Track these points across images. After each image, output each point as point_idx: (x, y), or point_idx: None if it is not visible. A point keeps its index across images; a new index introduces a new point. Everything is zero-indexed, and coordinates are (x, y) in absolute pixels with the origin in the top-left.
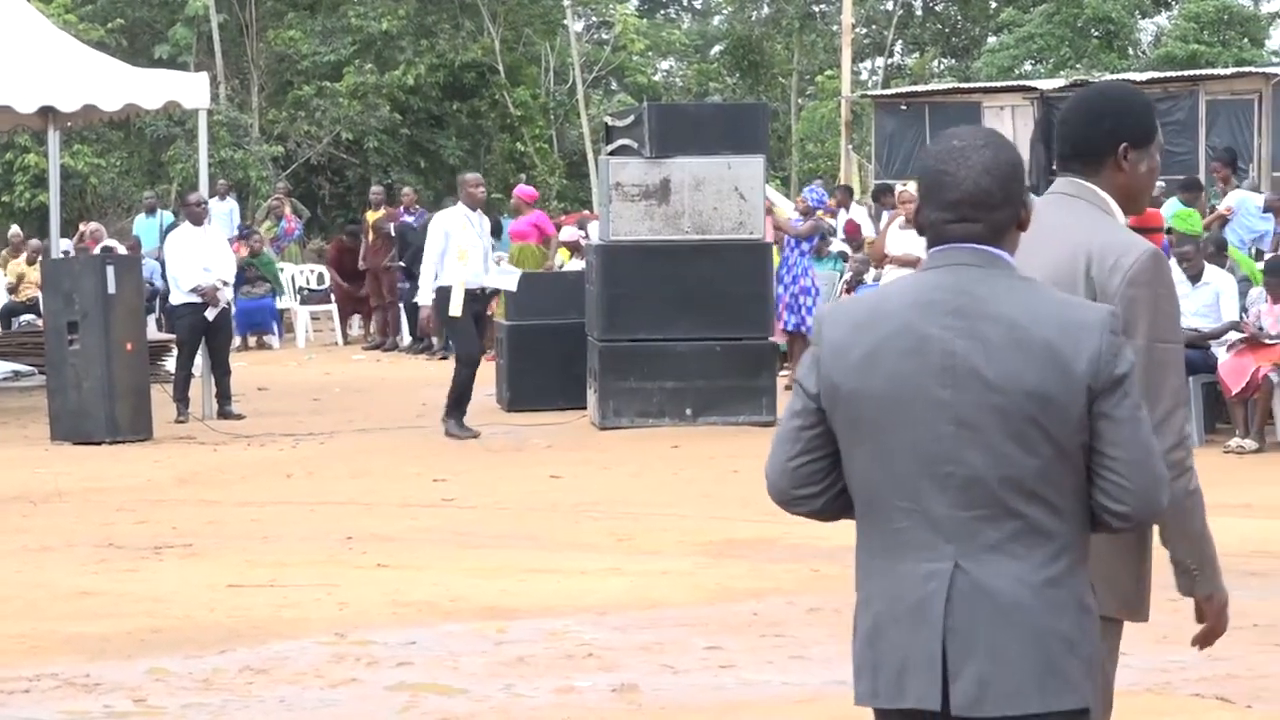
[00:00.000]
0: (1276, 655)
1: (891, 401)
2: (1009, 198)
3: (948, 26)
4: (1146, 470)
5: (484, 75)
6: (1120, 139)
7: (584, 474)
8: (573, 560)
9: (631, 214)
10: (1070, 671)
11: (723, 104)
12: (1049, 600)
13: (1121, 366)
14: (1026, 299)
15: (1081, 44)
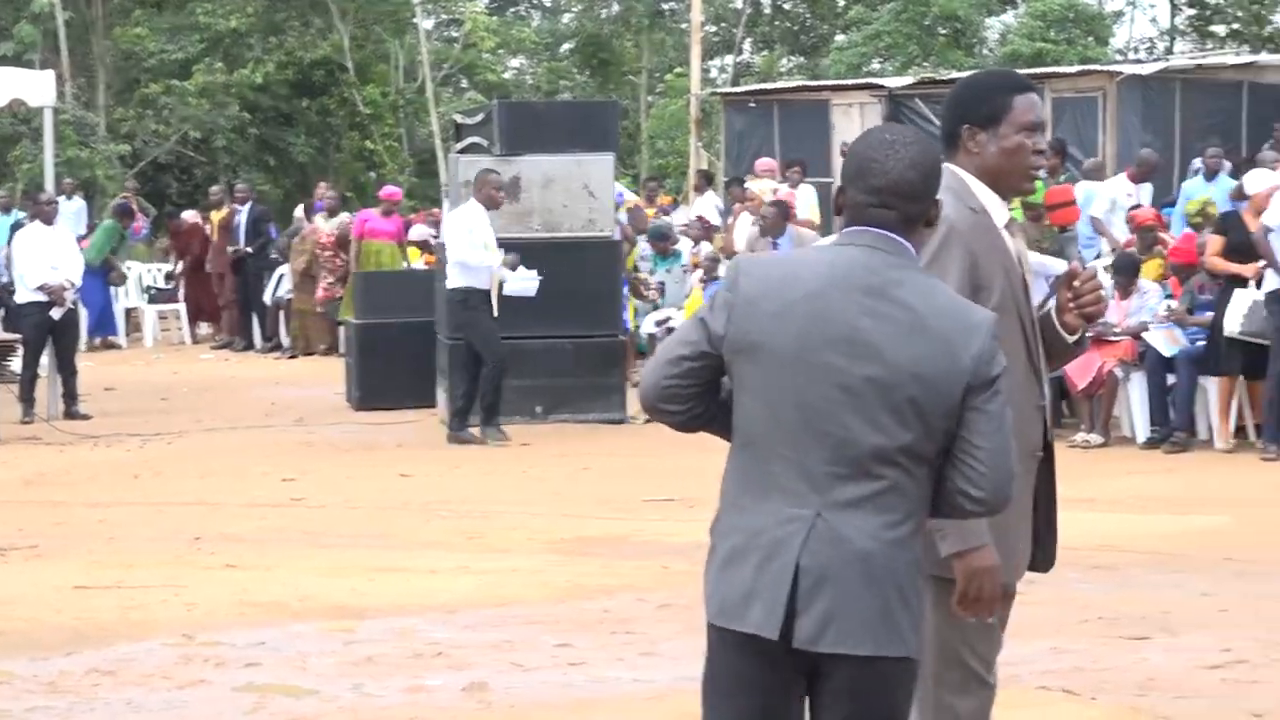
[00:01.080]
0: (1121, 648)
1: (791, 358)
2: (928, 192)
3: (796, 25)
4: (1003, 462)
5: (333, 73)
6: (961, 121)
7: (434, 472)
8: (423, 559)
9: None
10: (902, 622)
11: (572, 102)
12: (894, 556)
13: (996, 368)
14: (928, 292)
15: (929, 42)
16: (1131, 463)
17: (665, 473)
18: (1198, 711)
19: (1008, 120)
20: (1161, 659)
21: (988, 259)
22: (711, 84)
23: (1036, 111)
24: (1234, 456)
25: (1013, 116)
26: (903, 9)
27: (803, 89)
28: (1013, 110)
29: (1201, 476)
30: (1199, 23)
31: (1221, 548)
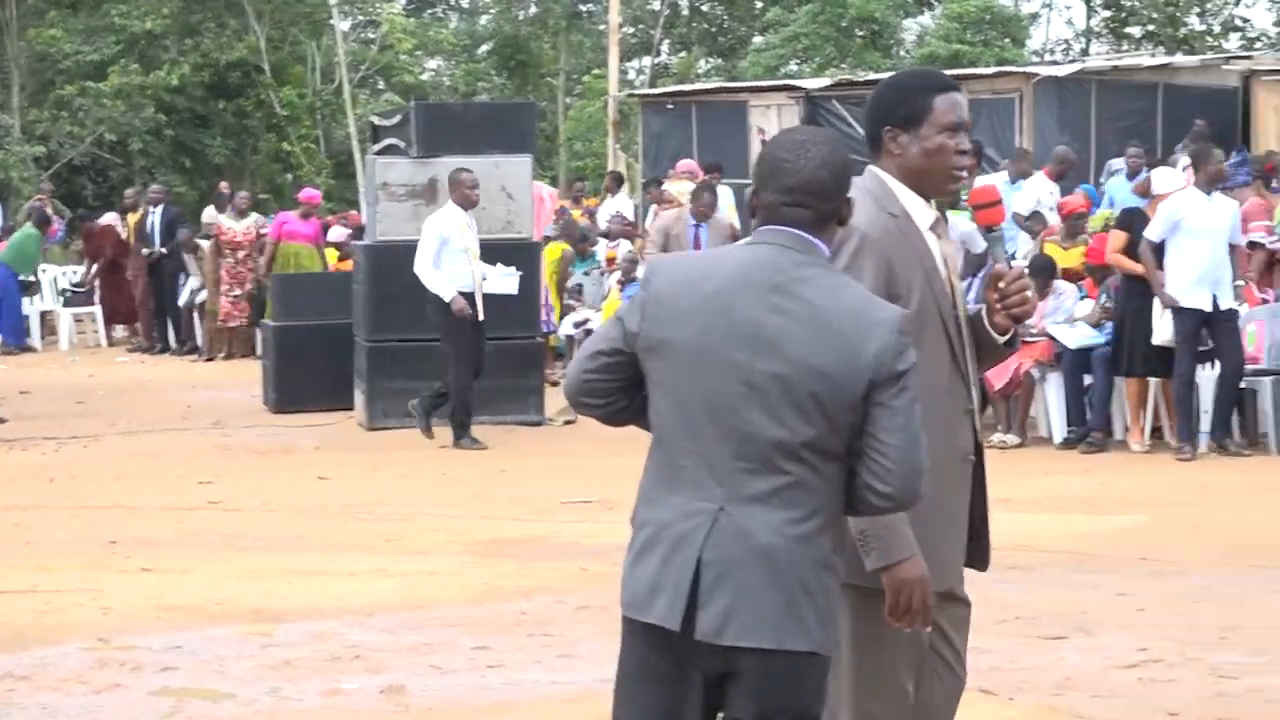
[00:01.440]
0: (1038, 647)
1: (697, 354)
2: (839, 191)
3: (714, 26)
4: (911, 458)
5: (249, 75)
6: (883, 122)
7: (352, 475)
8: (340, 562)
9: (399, 214)
10: (807, 617)
11: (490, 103)
12: (797, 552)
13: (903, 364)
14: (833, 289)
15: (846, 43)
16: (1048, 463)
17: (583, 474)
18: (1114, 710)
19: (929, 121)
20: (1079, 659)
21: (905, 265)
22: (629, 85)
23: (958, 112)
24: (1150, 457)
25: (934, 117)
26: (820, 11)
27: (720, 90)
28: (934, 111)
29: (1118, 477)
30: (1114, 24)
31: (1138, 547)
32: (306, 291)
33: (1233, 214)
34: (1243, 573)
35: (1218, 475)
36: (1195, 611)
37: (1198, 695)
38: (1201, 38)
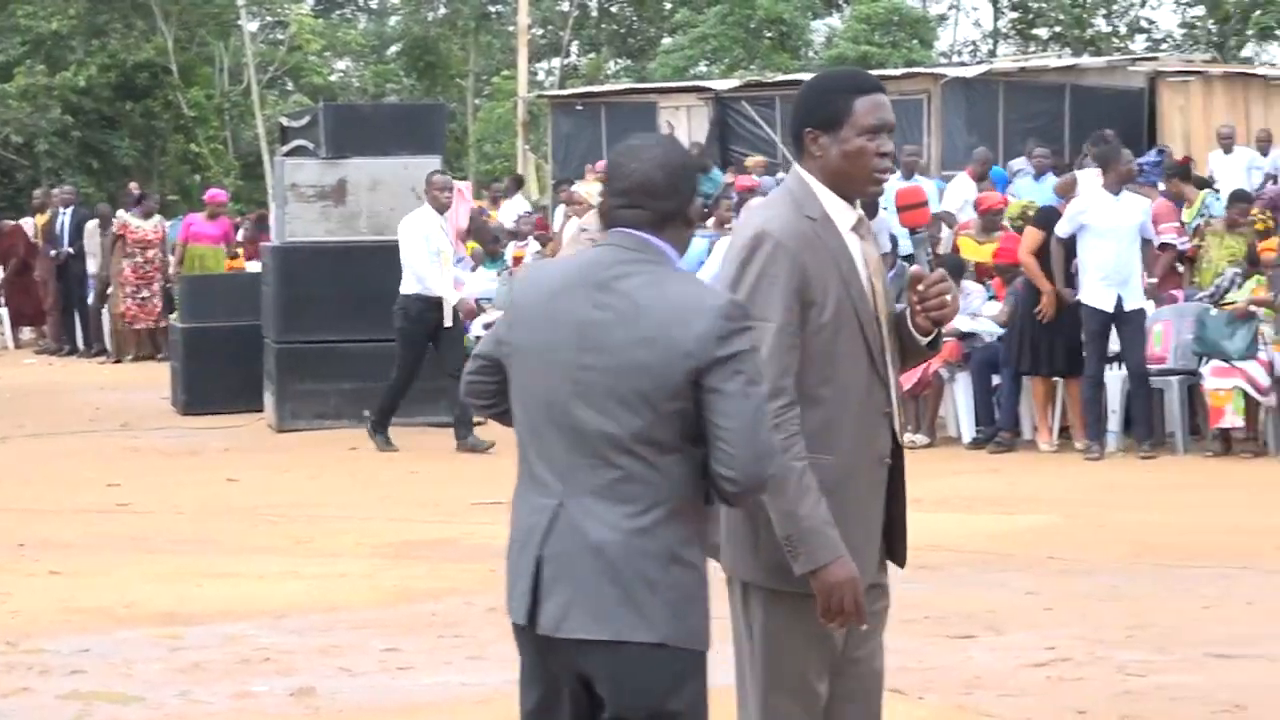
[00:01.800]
0: (947, 646)
1: (535, 356)
2: (674, 190)
3: (623, 28)
4: (751, 441)
5: (157, 75)
6: (804, 124)
7: (261, 477)
8: (250, 564)
9: (308, 215)
10: (649, 609)
11: (399, 104)
12: (635, 545)
13: (728, 348)
14: (657, 283)
15: (755, 45)
16: (957, 463)
17: (493, 476)
18: (1023, 709)
19: (849, 123)
20: (987, 657)
21: (820, 269)
22: (539, 87)
23: (880, 114)
24: (1058, 456)
25: (854, 119)
26: (729, 12)
27: (630, 92)
28: (854, 113)
29: (1026, 476)
30: (1022, 26)
31: (1046, 547)
32: (215, 293)
33: (1143, 212)
34: (1149, 572)
35: (1125, 475)
36: (1103, 610)
37: (1105, 693)
38: (1108, 39)
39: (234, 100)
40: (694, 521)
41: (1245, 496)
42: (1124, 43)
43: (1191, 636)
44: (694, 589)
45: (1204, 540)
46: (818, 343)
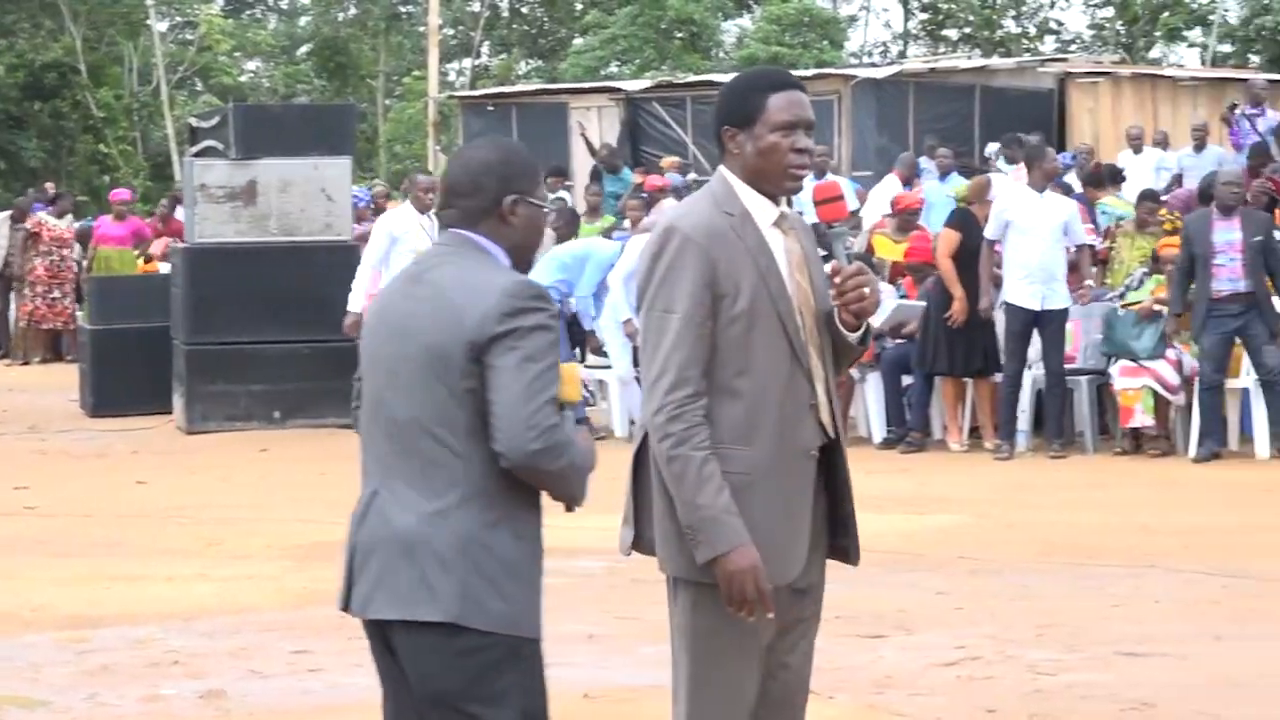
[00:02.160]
0: (858, 646)
1: (368, 359)
2: (476, 189)
3: (534, 28)
4: (516, 416)
5: (65, 76)
6: (722, 122)
7: (171, 479)
8: (159, 566)
9: (217, 216)
10: (441, 589)
11: (309, 105)
12: (433, 528)
13: (507, 325)
14: (462, 270)
15: (666, 45)
16: (868, 463)
17: None
18: (933, 708)
19: (762, 120)
20: (898, 657)
21: (733, 263)
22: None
23: (794, 110)
24: (968, 456)
25: (767, 116)
26: (639, 13)
27: (541, 92)
28: (767, 110)
29: (936, 476)
30: (932, 27)
31: (956, 546)
32: (124, 294)
33: (1069, 213)
34: (1058, 570)
35: (1035, 474)
36: (1012, 609)
37: (1015, 692)
38: (1017, 40)
39: (143, 101)
40: (504, 505)
41: (1154, 495)
42: (1033, 44)
43: (1101, 635)
44: (496, 572)
45: (1113, 539)
46: (731, 335)
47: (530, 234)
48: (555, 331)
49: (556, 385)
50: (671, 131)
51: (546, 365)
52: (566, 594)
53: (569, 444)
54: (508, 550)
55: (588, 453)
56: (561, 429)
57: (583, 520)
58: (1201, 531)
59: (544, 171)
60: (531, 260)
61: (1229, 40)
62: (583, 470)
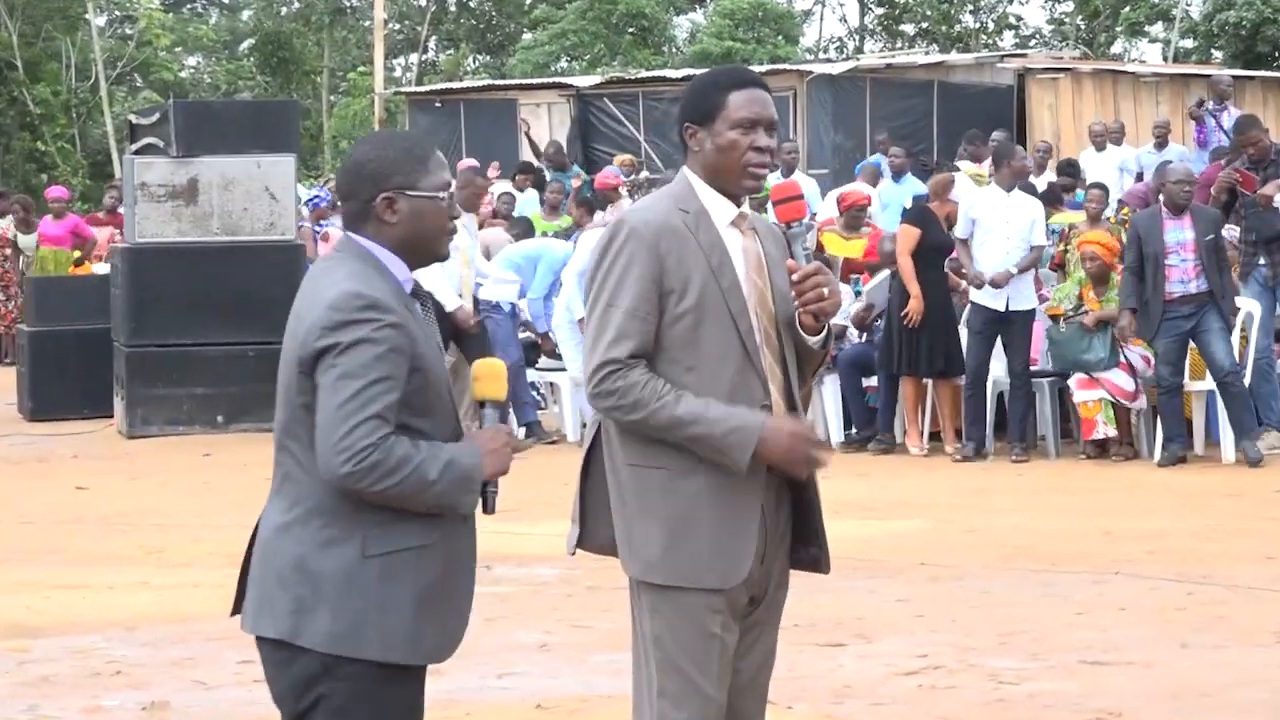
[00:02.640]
0: (817, 655)
1: None
2: (353, 191)
3: (482, 23)
4: (327, 438)
5: (1, 72)
6: (683, 120)
7: (112, 485)
8: (101, 575)
9: (158, 215)
10: (276, 605)
11: (252, 101)
12: (278, 541)
13: (327, 340)
14: (323, 278)
15: (616, 40)
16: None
17: None
18: (894, 718)
19: (721, 117)
20: (858, 666)
21: (682, 260)
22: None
23: (754, 108)
24: (927, 460)
25: (727, 113)
26: (589, 7)
27: (489, 88)
28: (726, 107)
29: (895, 480)
30: (888, 22)
31: (916, 552)
32: (63, 295)
33: (1036, 214)
34: (1021, 577)
35: (996, 479)
36: (974, 617)
37: (978, 701)
38: (976, 36)
39: (81, 97)
40: (348, 522)
41: (1118, 500)
42: (992, 39)
43: (1065, 643)
44: (331, 590)
45: (1077, 545)
46: (678, 330)
47: (418, 227)
48: (384, 344)
49: (384, 400)
50: (623, 129)
51: (368, 381)
52: (518, 602)
53: (401, 462)
54: (349, 568)
55: (460, 463)
56: (385, 448)
57: (534, 526)
58: (1167, 536)
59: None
60: (433, 254)
61: (1191, 36)
62: (434, 484)
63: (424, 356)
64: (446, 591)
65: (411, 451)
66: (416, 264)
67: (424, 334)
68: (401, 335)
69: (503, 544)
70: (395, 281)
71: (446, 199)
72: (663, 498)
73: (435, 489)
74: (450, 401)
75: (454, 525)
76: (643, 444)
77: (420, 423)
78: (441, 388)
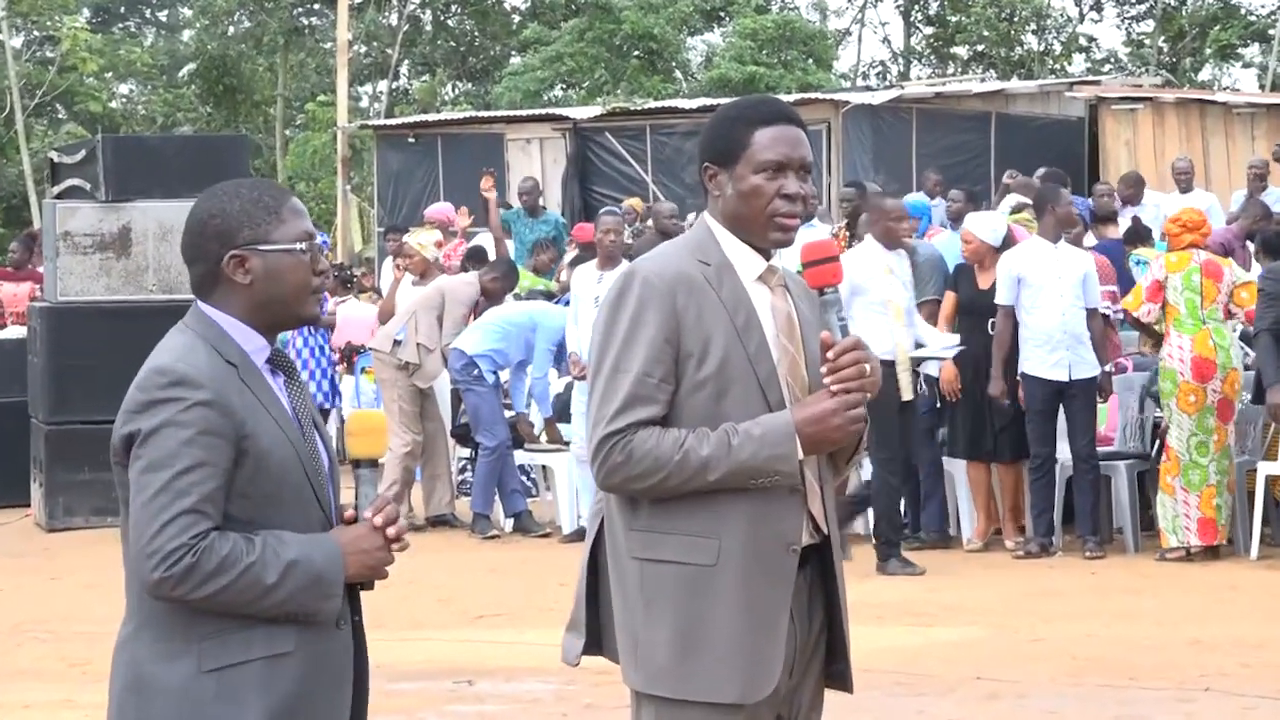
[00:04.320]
0: None
1: None
2: (198, 253)
3: (463, 45)
4: (136, 542)
5: None
6: (702, 159)
7: (28, 586)
8: (16, 692)
9: (84, 269)
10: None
11: (194, 136)
12: (118, 657)
13: (129, 426)
14: (155, 353)
15: (619, 65)
16: (863, 563)
17: None
18: None
19: (745, 158)
20: None
21: (703, 316)
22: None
23: (783, 147)
24: (984, 555)
25: (750, 153)
26: (587, 27)
27: (472, 121)
28: (750, 146)
29: (947, 579)
30: (939, 43)
31: (972, 665)
32: None
33: (1086, 268)
34: (1093, 695)
35: (1065, 578)
36: None
37: None
38: (1040, 60)
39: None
40: (186, 633)
41: (1208, 604)
42: (1060, 64)
43: None
44: (162, 712)
45: (1158, 656)
46: (697, 401)
47: (275, 287)
48: (192, 426)
49: (198, 491)
50: (628, 168)
51: (176, 472)
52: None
53: (225, 564)
54: (184, 686)
55: (311, 563)
56: (202, 548)
57: (523, 634)
58: (1265, 647)
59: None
60: (295, 316)
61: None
62: (274, 590)
63: (256, 437)
64: (308, 711)
65: (240, 550)
66: (277, 328)
67: (263, 411)
68: (217, 414)
69: (487, 655)
70: (236, 353)
71: (309, 251)
72: (674, 595)
73: (276, 595)
74: (312, 487)
75: (318, 631)
76: (652, 535)
77: (264, 514)
78: (291, 472)
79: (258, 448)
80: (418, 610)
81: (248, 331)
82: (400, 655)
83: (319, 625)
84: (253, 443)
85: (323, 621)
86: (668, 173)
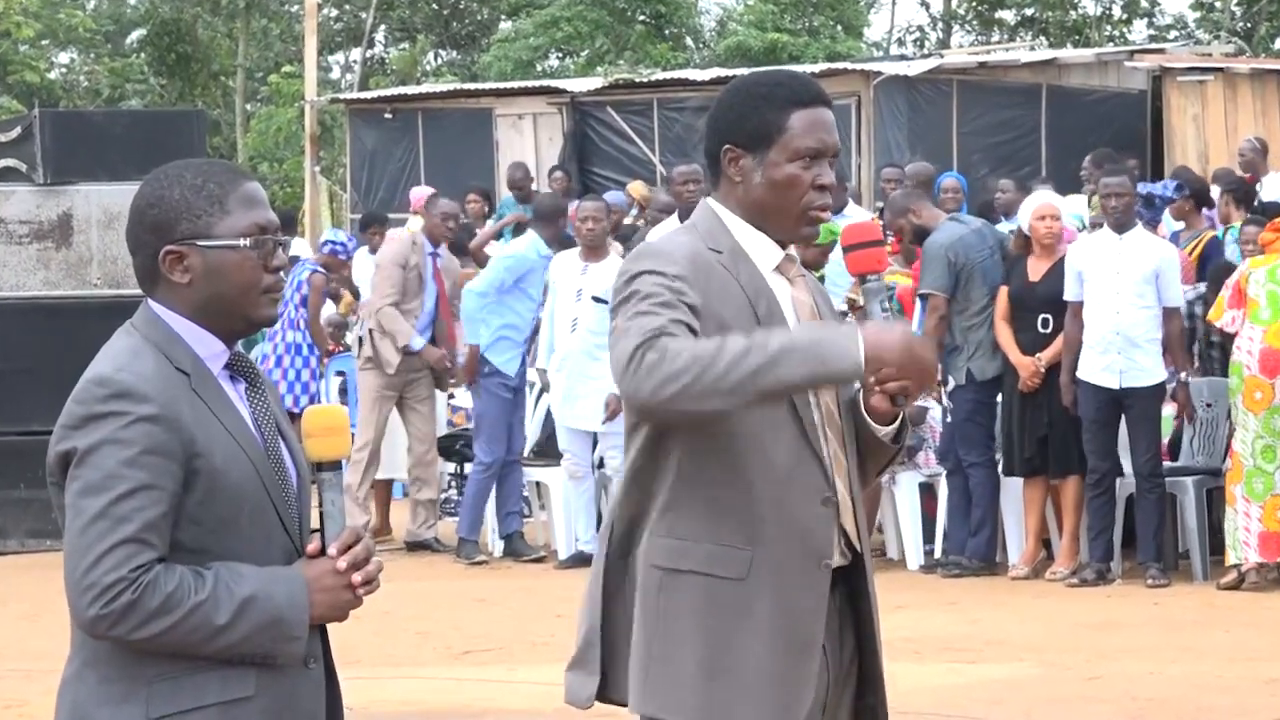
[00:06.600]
0: None
1: None
2: (139, 246)
3: (446, 8)
4: (71, 575)
5: None
6: (722, 140)
7: None
8: None
9: (19, 261)
10: None
11: (143, 111)
12: (60, 700)
13: (65, 444)
14: (98, 358)
15: (623, 32)
16: (900, 593)
17: None
18: None
19: (780, 144)
20: None
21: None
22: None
23: (820, 134)
24: (1033, 584)
25: (787, 139)
26: None
27: (457, 94)
28: (787, 131)
29: (992, 611)
30: (982, 7)
31: (1021, 706)
32: None
33: (1160, 261)
34: None
35: (1125, 609)
36: None
37: None
38: (1098, 26)
39: None
40: (129, 670)
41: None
42: (1119, 31)
43: None
44: None
45: (1228, 698)
46: None
47: (217, 287)
48: (135, 445)
49: (141, 518)
50: (633, 148)
51: (115, 496)
52: None
53: (170, 602)
54: None
55: (269, 602)
56: (144, 583)
57: (515, 672)
58: None
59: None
60: (245, 319)
61: None
62: (225, 631)
63: (209, 455)
64: None
65: (188, 587)
66: (228, 331)
67: (218, 425)
68: (164, 430)
69: (473, 696)
70: (189, 358)
71: (259, 245)
72: (697, 611)
73: (228, 637)
74: (276, 510)
75: (283, 671)
76: (675, 541)
77: (219, 542)
78: (250, 494)
79: (210, 467)
80: (394, 645)
81: (201, 334)
82: (374, 696)
83: (283, 666)
84: (205, 461)
85: (285, 664)
86: (677, 153)
